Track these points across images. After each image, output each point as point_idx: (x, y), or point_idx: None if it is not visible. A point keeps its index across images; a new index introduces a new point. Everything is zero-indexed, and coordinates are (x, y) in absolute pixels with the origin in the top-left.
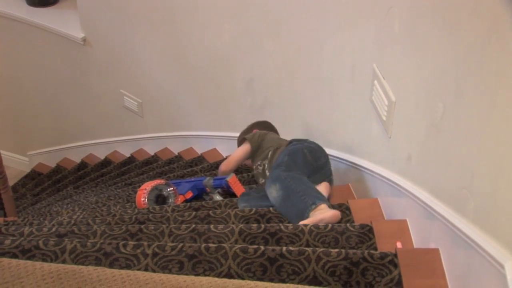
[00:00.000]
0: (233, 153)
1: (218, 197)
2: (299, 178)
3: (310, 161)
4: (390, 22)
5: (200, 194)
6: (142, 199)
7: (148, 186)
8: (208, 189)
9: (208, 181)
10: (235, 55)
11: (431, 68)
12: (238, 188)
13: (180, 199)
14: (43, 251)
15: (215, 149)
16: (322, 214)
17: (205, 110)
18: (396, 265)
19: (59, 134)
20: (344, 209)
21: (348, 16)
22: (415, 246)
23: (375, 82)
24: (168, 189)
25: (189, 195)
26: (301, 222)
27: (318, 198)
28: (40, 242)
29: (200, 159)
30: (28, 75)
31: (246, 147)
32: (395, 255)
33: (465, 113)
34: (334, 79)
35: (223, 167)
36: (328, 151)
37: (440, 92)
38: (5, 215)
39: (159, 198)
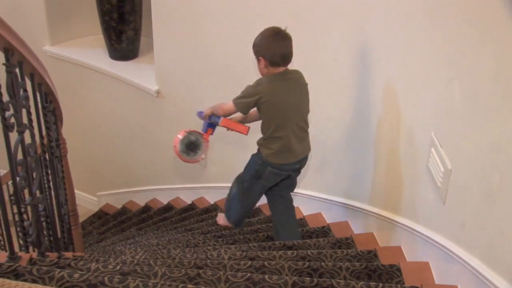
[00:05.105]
0: None
1: None
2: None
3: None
4: (450, 93)
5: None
6: (179, 153)
7: (177, 141)
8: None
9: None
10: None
11: (490, 139)
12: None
13: (206, 137)
14: (108, 287)
15: None
16: None
17: None
18: None
19: (127, 178)
20: (395, 270)
21: (409, 83)
22: None
23: (432, 149)
24: (194, 135)
25: (210, 131)
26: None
27: None
28: (106, 279)
29: (257, 210)
30: (104, 121)
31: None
32: None
33: None
34: (391, 143)
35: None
36: (381, 212)
37: (498, 163)
38: (73, 250)
39: (191, 145)
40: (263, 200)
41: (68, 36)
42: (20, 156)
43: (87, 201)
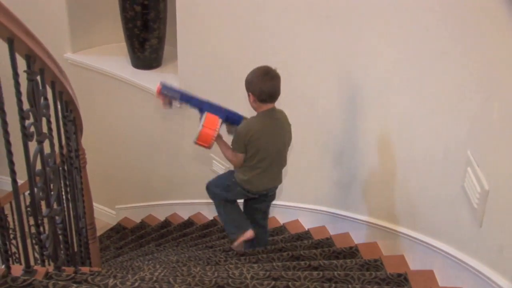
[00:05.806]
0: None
1: None
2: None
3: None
4: (488, 109)
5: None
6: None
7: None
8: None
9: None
10: (328, 130)
11: None
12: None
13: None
14: None
15: (297, 220)
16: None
17: (290, 180)
18: None
19: (146, 191)
20: None
21: (445, 100)
22: None
23: (468, 169)
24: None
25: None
26: None
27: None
28: None
29: (281, 229)
30: (125, 132)
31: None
32: None
33: None
34: (425, 162)
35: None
36: (412, 233)
37: None
38: (90, 265)
39: None
40: (287, 218)
41: (90, 43)
42: (38, 166)
43: (105, 214)
